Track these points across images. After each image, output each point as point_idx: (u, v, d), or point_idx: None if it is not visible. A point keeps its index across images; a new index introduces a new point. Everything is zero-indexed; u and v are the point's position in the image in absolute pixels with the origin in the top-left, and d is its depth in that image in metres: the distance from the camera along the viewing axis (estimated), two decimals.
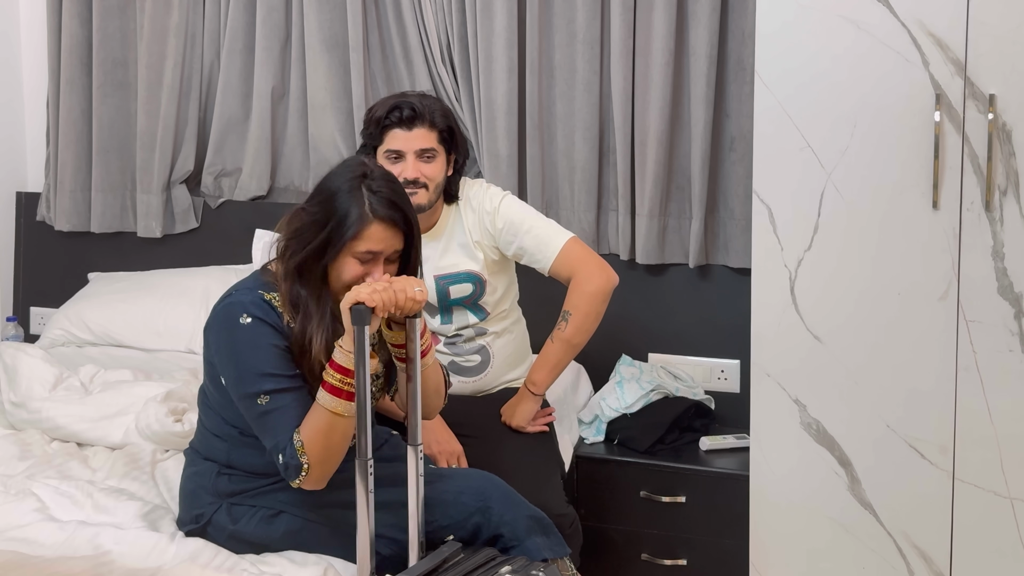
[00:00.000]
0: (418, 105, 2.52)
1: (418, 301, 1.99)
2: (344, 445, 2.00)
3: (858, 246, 2.49)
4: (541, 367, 2.63)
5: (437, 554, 1.97)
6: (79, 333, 3.36)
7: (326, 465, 1.99)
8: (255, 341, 2.02)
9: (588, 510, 2.91)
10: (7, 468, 2.47)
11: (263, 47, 3.51)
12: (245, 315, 2.03)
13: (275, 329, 2.04)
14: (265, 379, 2.00)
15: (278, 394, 2.00)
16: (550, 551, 2.12)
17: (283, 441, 1.97)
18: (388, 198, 2.03)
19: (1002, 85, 2.35)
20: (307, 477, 1.97)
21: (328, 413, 1.96)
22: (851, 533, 2.55)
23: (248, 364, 2.02)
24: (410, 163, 2.51)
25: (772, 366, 2.58)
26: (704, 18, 3.07)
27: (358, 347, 1.90)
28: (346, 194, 2.02)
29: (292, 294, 2.04)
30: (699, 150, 3.11)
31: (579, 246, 2.62)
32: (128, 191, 3.72)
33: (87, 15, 3.65)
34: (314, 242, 2.02)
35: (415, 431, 2.01)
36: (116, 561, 2.00)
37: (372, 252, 2.02)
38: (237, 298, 2.07)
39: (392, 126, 2.51)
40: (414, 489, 2.00)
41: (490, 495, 2.13)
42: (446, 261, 2.62)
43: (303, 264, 2.03)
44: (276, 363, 2.01)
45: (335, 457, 1.99)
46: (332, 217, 2.01)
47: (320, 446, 1.97)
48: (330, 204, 2.03)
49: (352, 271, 2.03)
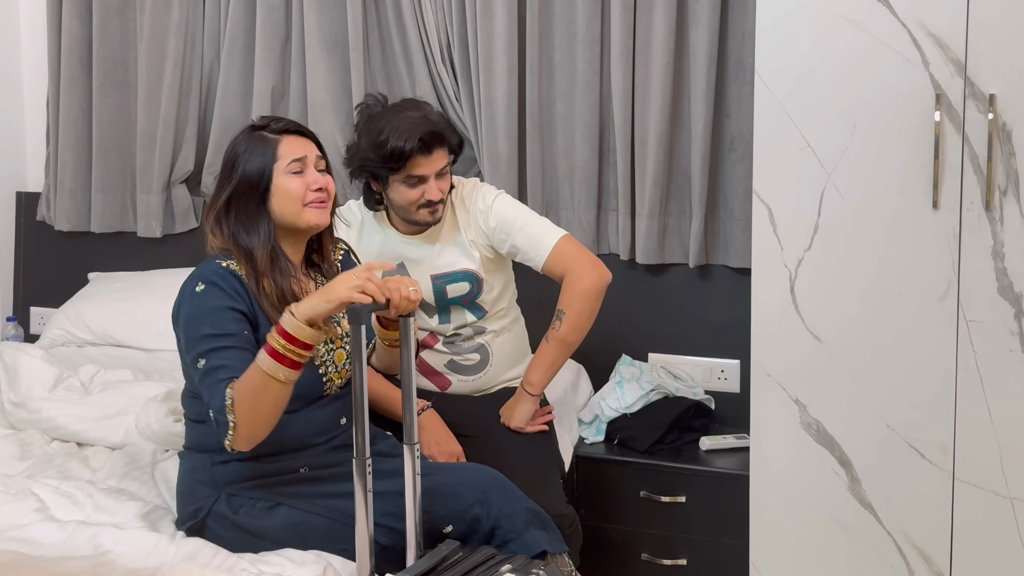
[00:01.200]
0: (439, 129, 2.48)
1: (412, 300, 2.01)
2: (275, 411, 1.99)
3: (858, 246, 2.49)
4: (537, 367, 2.63)
5: (435, 553, 1.97)
6: (79, 333, 3.36)
7: (253, 427, 1.98)
8: (201, 305, 2.07)
9: (588, 510, 2.91)
10: (7, 468, 2.47)
11: (263, 47, 3.51)
12: (200, 284, 2.09)
13: (230, 293, 2.08)
14: (204, 340, 2.04)
15: (214, 353, 2.02)
16: (549, 545, 2.12)
17: (217, 399, 1.98)
18: (277, 120, 2.23)
19: (1002, 85, 2.35)
20: (234, 436, 1.98)
21: (263, 374, 1.95)
22: (851, 533, 2.55)
23: (191, 328, 2.06)
24: (433, 186, 2.51)
25: (772, 366, 2.58)
26: (704, 18, 3.07)
27: (355, 346, 1.90)
28: (244, 142, 2.19)
29: (237, 249, 2.14)
30: (699, 150, 3.11)
31: (571, 244, 2.62)
32: (128, 191, 3.72)
33: (87, 15, 3.66)
34: (228, 189, 2.15)
35: (411, 430, 2.02)
36: (116, 561, 2.00)
37: (297, 159, 2.17)
38: (195, 272, 2.13)
39: (415, 154, 2.47)
40: (411, 489, 2.00)
41: (489, 487, 2.14)
42: (442, 260, 2.62)
43: (236, 215, 2.15)
44: (216, 323, 2.04)
45: (263, 420, 1.99)
46: (240, 163, 2.16)
47: (247, 406, 1.96)
48: (231, 159, 2.19)
49: (294, 184, 2.16)
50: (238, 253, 2.14)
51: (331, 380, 2.20)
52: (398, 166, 2.47)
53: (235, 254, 2.15)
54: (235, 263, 2.14)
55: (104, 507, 2.24)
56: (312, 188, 2.17)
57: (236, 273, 2.12)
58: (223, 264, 2.13)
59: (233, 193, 2.16)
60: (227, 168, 2.19)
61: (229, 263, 2.13)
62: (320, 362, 2.17)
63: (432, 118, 2.51)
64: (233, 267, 2.13)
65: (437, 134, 2.48)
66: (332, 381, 2.20)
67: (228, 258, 2.15)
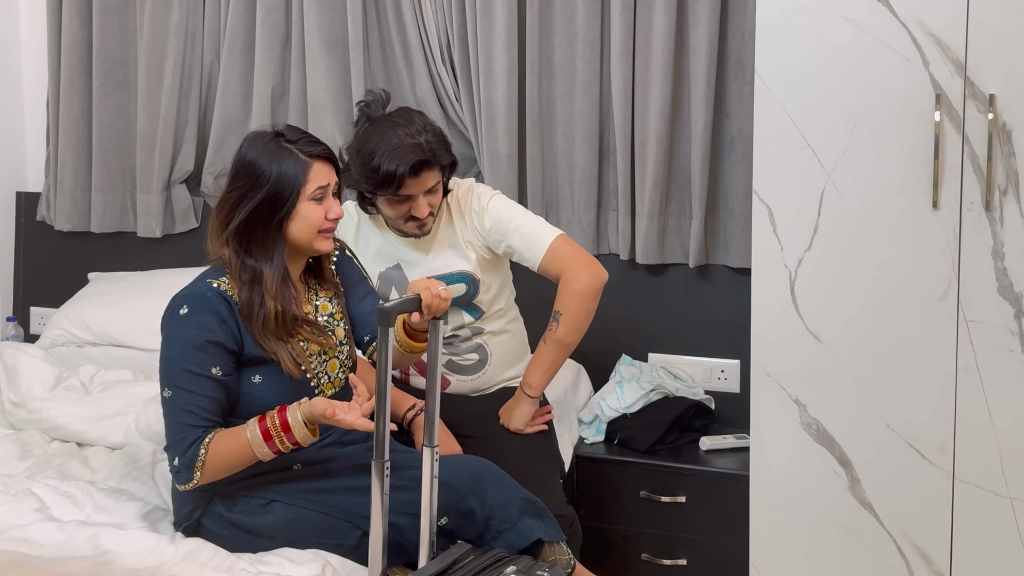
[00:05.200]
0: (428, 155, 2.45)
1: (444, 299, 2.03)
2: (239, 471, 2.09)
3: (858, 246, 2.49)
4: (535, 369, 2.62)
5: (447, 555, 1.97)
6: (79, 333, 3.36)
7: (212, 479, 2.07)
8: (178, 332, 2.07)
9: (588, 510, 2.91)
10: (7, 468, 2.47)
11: (263, 47, 3.51)
12: (184, 307, 2.08)
13: (212, 323, 2.06)
14: (177, 374, 2.05)
15: (183, 393, 2.04)
16: (544, 534, 2.12)
17: (182, 444, 2.03)
18: (309, 140, 2.15)
19: (1002, 85, 2.35)
20: (189, 485, 2.05)
21: (247, 446, 2.04)
22: (851, 533, 2.55)
23: (167, 353, 2.07)
24: (421, 203, 2.50)
25: (772, 366, 2.58)
26: (704, 18, 3.07)
27: (382, 349, 1.90)
28: (270, 152, 2.11)
29: (243, 268, 2.10)
30: (699, 150, 3.11)
31: (567, 243, 2.61)
32: (128, 191, 3.72)
33: (87, 15, 3.66)
34: (250, 204, 2.09)
35: (432, 432, 2.02)
36: (116, 561, 2.00)
37: (322, 187, 2.13)
38: (185, 290, 2.12)
39: (404, 178, 2.45)
40: (427, 490, 2.00)
41: (483, 478, 2.14)
42: (438, 262, 2.62)
43: (249, 231, 2.10)
44: (193, 359, 2.05)
45: (225, 476, 2.08)
46: (267, 178, 2.09)
47: (218, 467, 2.05)
48: (255, 169, 2.10)
49: (315, 213, 2.13)
50: (241, 271, 2.11)
51: (323, 392, 2.20)
52: (387, 191, 2.47)
53: (234, 270, 2.11)
54: (227, 279, 2.11)
55: (104, 507, 2.24)
56: (329, 217, 2.15)
57: (227, 295, 2.09)
58: (214, 284, 2.10)
59: (256, 208, 2.10)
60: (248, 176, 2.11)
61: (220, 282, 2.11)
62: (312, 375, 2.17)
63: (423, 139, 2.46)
64: (224, 286, 2.10)
65: (426, 161, 2.45)
66: (324, 393, 2.20)
67: (221, 274, 2.12)
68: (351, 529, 2.10)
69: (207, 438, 2.03)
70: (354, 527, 2.10)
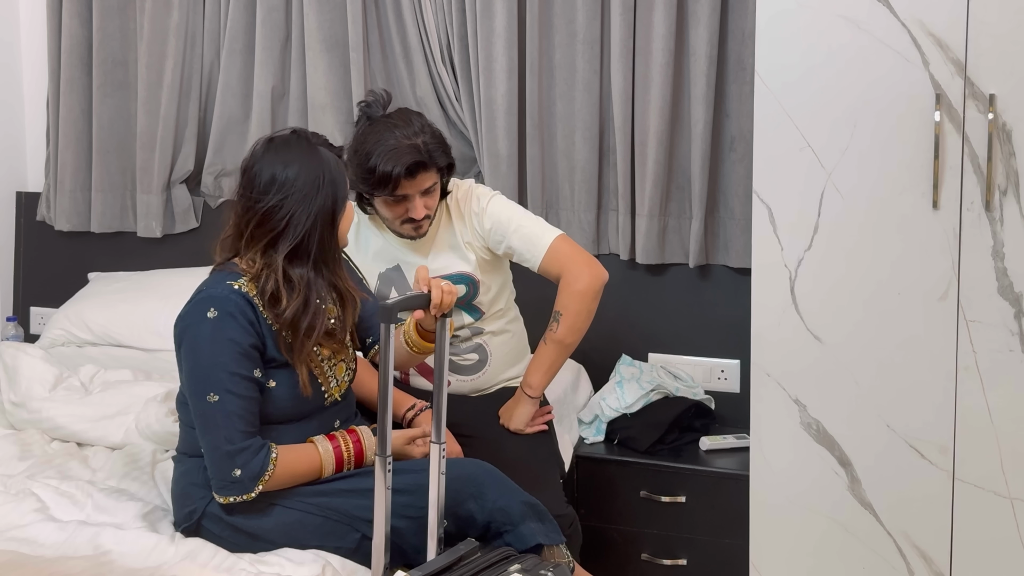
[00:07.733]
0: (424, 156, 2.45)
1: (452, 292, 2.05)
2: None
3: (858, 246, 2.49)
4: (536, 369, 2.62)
5: (454, 551, 1.97)
6: (79, 333, 3.36)
7: (270, 489, 2.07)
8: (215, 336, 2.05)
9: (588, 510, 2.91)
10: (7, 468, 2.47)
11: (263, 47, 3.51)
12: (212, 310, 2.06)
13: (244, 326, 2.06)
14: (221, 376, 2.03)
15: (231, 396, 2.03)
16: (544, 537, 2.12)
17: (245, 453, 2.02)
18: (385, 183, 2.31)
19: (1002, 85, 2.35)
20: (244, 497, 2.05)
21: (317, 463, 2.10)
22: (851, 533, 2.55)
23: (207, 357, 2.05)
24: (417, 203, 2.49)
25: (772, 366, 2.58)
26: (704, 18, 3.07)
27: (383, 345, 1.90)
28: (336, 170, 2.13)
29: (287, 279, 2.08)
30: (699, 150, 3.11)
31: (566, 244, 2.61)
32: (128, 191, 3.72)
33: (87, 15, 3.66)
34: (310, 211, 2.07)
35: (440, 429, 2.02)
36: (116, 561, 2.00)
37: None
38: (208, 292, 2.10)
39: (400, 179, 2.45)
40: (435, 487, 2.00)
41: (484, 481, 2.14)
42: (438, 264, 2.62)
43: (308, 241, 2.08)
44: (238, 362, 2.04)
45: (280, 488, 2.09)
46: (323, 182, 2.09)
47: (283, 479, 2.07)
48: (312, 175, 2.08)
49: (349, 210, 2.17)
50: (277, 277, 2.07)
51: (331, 394, 2.20)
52: (383, 192, 2.47)
53: (275, 281, 2.07)
54: (245, 281, 2.10)
55: (104, 507, 2.24)
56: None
57: (250, 297, 2.08)
58: (234, 287, 2.09)
59: (319, 216, 2.09)
60: (312, 185, 2.08)
61: (239, 283, 2.09)
62: (323, 378, 2.17)
63: (420, 141, 2.45)
64: (245, 288, 2.09)
65: (422, 163, 2.45)
66: (332, 395, 2.20)
67: (236, 277, 2.11)
68: (350, 532, 2.10)
69: (273, 453, 2.05)
70: (353, 529, 2.10)
